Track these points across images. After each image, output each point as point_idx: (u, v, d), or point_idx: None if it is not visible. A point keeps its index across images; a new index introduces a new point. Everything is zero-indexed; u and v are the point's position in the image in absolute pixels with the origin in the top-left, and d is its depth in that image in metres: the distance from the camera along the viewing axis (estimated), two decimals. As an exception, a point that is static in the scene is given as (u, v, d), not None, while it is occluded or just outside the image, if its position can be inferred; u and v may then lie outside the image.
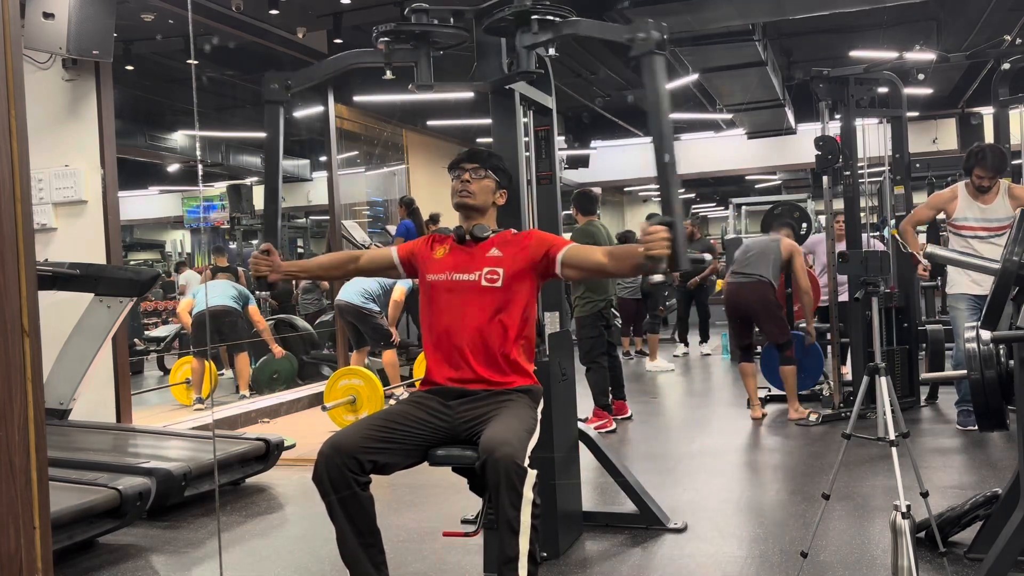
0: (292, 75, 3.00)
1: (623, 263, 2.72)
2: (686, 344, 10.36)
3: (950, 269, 5.15)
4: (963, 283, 5.15)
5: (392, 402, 4.38)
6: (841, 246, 6.20)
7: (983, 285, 5.01)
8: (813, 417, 5.80)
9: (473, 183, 2.85)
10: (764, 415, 6.09)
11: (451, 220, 3.19)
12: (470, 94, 8.47)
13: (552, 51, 3.10)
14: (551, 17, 2.92)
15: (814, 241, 7.58)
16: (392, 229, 8.19)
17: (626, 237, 10.26)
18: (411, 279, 2.96)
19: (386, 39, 2.97)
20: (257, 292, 7.43)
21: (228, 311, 7.57)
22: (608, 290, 5.95)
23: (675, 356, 10.05)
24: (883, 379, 3.01)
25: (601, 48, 9.32)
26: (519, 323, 2.77)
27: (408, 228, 8.44)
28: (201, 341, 7.53)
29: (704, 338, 10.27)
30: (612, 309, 6.03)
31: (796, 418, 5.88)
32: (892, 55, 6.87)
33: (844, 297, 6.11)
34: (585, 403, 5.62)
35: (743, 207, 16.26)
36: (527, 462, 2.41)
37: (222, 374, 8.75)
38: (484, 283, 2.76)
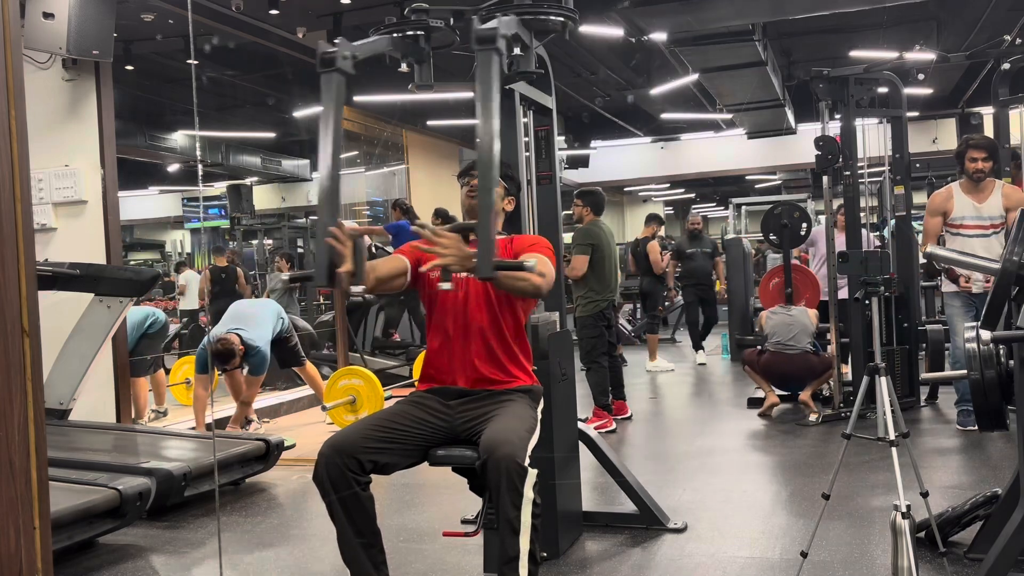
0: (353, 46, 2.66)
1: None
2: (703, 350, 9.48)
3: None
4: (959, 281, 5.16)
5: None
6: (842, 237, 6.22)
7: (976, 284, 5.02)
8: (813, 417, 5.80)
9: None
10: (776, 403, 6.15)
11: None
12: (470, 94, 8.44)
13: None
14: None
15: (817, 233, 7.53)
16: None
17: (637, 245, 10.06)
18: (414, 288, 2.87)
19: (399, 33, 2.94)
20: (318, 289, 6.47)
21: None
22: (610, 290, 5.95)
23: (700, 364, 9.27)
24: (883, 379, 3.00)
25: (601, 48, 9.31)
26: (521, 321, 2.76)
27: (400, 227, 8.20)
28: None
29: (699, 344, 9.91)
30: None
31: (805, 401, 5.94)
32: (892, 55, 6.87)
33: (843, 293, 6.10)
34: (585, 403, 5.62)
35: (743, 207, 16.25)
36: (528, 462, 2.41)
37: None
38: None
